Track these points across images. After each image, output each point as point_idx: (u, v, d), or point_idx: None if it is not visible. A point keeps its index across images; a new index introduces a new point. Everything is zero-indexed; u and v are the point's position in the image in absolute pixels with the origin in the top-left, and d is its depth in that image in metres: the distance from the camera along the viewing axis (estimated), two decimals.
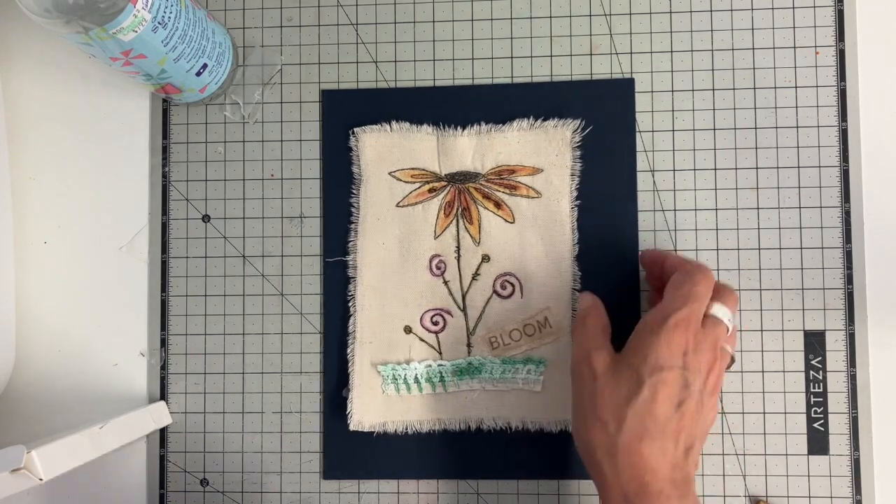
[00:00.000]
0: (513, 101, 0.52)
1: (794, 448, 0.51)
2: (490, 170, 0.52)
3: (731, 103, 0.52)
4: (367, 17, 0.54)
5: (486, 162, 0.52)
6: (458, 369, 0.51)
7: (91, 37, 0.41)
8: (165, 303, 0.54)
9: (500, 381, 0.51)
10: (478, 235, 0.52)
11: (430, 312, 0.52)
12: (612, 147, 0.52)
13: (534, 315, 0.51)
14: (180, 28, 0.45)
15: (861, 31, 0.52)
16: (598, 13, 0.53)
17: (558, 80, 0.53)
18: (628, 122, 0.52)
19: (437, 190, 0.52)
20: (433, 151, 0.52)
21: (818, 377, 0.51)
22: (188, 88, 0.50)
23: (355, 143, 0.53)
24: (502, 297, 0.52)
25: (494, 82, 0.53)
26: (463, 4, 0.53)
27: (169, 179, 0.54)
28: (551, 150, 0.52)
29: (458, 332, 0.52)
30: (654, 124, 0.52)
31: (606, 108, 0.52)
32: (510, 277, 0.52)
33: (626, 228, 0.52)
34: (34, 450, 0.39)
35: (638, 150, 0.52)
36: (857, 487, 0.50)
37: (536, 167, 0.52)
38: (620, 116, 0.52)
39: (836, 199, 0.52)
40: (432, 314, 0.52)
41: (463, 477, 0.52)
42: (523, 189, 0.52)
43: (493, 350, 0.51)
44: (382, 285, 0.52)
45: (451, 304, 0.52)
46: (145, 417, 0.50)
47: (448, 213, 0.52)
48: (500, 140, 0.52)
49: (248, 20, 0.55)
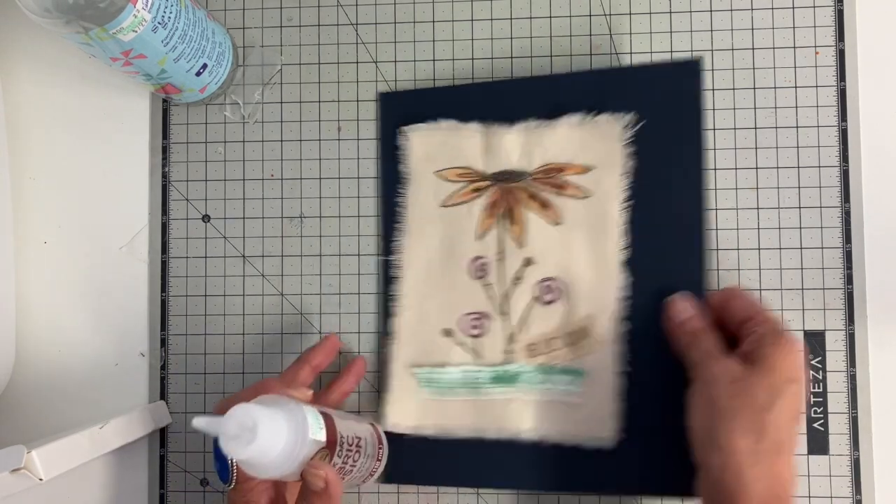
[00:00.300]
0: (565, 91, 0.51)
1: None
2: (537, 168, 0.50)
3: (731, 103, 0.52)
4: (367, 17, 0.54)
5: (533, 160, 0.50)
6: (496, 376, 0.50)
7: (91, 37, 0.41)
8: (165, 303, 0.54)
9: (539, 390, 0.49)
10: (521, 237, 0.50)
11: (471, 316, 0.51)
12: (674, 139, 0.49)
13: (576, 323, 0.49)
14: (180, 28, 0.45)
15: (861, 31, 0.52)
16: (598, 13, 0.53)
17: (615, 67, 0.52)
18: (695, 109, 0.49)
19: (481, 189, 0.51)
20: (479, 149, 0.51)
21: (818, 377, 0.51)
22: (188, 88, 0.50)
23: (404, 141, 0.52)
24: (545, 303, 0.50)
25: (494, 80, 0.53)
26: (463, 4, 0.53)
27: (169, 179, 0.54)
28: (602, 147, 0.49)
29: (498, 338, 0.50)
30: None
31: (667, 94, 0.49)
32: (554, 282, 0.50)
33: (688, 232, 0.49)
34: (34, 450, 0.39)
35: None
36: (856, 487, 0.50)
37: (586, 165, 0.50)
38: (685, 103, 0.49)
39: (836, 199, 0.51)
40: (472, 318, 0.51)
41: (495, 486, 0.51)
42: (571, 189, 0.50)
43: (532, 357, 0.50)
44: (425, 287, 0.51)
45: (491, 308, 0.50)
46: (145, 417, 0.50)
47: (491, 214, 0.51)
48: (548, 136, 0.50)
49: (248, 20, 0.55)
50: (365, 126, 0.54)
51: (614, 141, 0.50)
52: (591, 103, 0.50)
